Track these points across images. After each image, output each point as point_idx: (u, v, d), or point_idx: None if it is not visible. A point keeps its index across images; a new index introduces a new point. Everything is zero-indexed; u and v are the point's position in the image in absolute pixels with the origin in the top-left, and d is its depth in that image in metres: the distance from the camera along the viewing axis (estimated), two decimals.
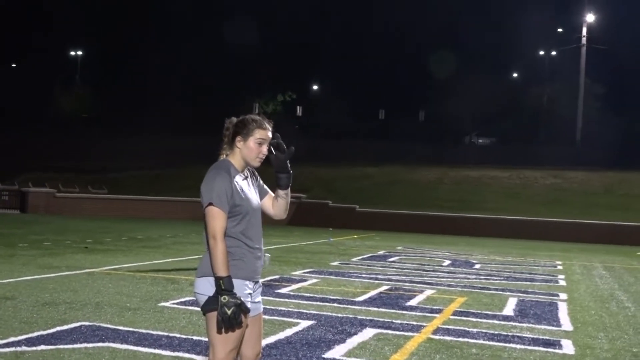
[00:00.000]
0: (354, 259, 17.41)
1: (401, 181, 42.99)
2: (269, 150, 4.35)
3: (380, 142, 61.10)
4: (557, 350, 7.74)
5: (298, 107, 71.86)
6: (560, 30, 66.57)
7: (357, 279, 13.19)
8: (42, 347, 6.74)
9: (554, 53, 68.45)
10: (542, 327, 9.10)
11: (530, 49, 70.53)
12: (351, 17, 78.25)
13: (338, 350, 7.16)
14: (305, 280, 12.61)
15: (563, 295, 12.29)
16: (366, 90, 74.87)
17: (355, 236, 26.80)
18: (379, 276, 13.86)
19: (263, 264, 4.41)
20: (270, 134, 4.36)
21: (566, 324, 9.45)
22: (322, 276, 13.43)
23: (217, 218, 4.16)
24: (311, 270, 14.37)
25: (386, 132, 67.05)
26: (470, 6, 77.39)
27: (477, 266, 17.08)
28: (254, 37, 70.40)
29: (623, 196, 38.15)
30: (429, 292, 11.76)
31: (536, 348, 7.78)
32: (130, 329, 7.71)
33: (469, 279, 14.20)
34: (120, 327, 7.77)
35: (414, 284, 12.77)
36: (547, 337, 8.41)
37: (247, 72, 71.42)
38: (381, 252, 19.82)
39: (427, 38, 73.74)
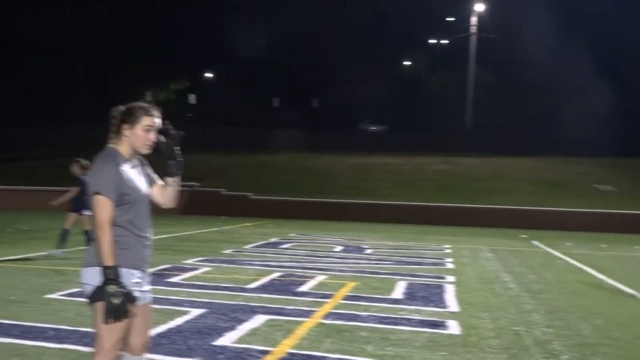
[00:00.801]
0: (246, 247, 17.41)
1: (295, 169, 43.14)
2: (158, 137, 4.33)
3: (274, 130, 61.06)
4: (443, 331, 7.96)
5: (192, 95, 71.11)
6: (450, 19, 67.93)
7: (249, 267, 13.21)
8: None
9: (445, 41, 69.84)
10: (430, 309, 9.34)
11: (422, 38, 71.76)
12: (245, 5, 77.83)
13: (229, 337, 7.18)
14: (198, 269, 12.55)
15: (451, 278, 12.62)
16: (261, 78, 74.68)
17: (249, 224, 26.80)
18: (272, 263, 13.92)
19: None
20: (158, 121, 4.33)
21: (453, 305, 9.72)
22: (215, 264, 13.39)
23: (103, 207, 4.12)
24: (203, 258, 14.30)
25: (280, 120, 67.06)
26: None
27: (368, 251, 17.34)
28: (146, 22, 69.17)
29: (511, 181, 39.34)
30: (320, 278, 11.89)
31: (423, 329, 7.98)
32: (15, 322, 7.52)
33: (360, 264, 14.42)
34: (4, 321, 7.57)
35: (306, 270, 12.88)
36: (434, 319, 8.63)
37: (140, 59, 70.13)
38: (274, 240, 19.90)
39: (322, 25, 74.10)
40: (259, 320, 8.10)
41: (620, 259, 18.03)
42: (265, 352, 6.64)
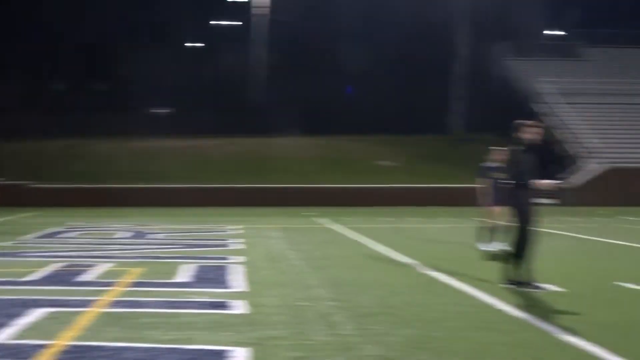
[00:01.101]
0: (25, 238, 16.61)
1: (78, 155, 41.68)
2: None
3: (54, 115, 58.66)
4: (229, 312, 7.94)
5: None
6: (233, 0, 67.95)
7: (27, 259, 12.58)
8: None
9: (237, 23, 69.79)
10: (217, 290, 9.31)
11: (208, 20, 71.39)
12: None
13: (2, 335, 6.77)
14: None
15: (239, 258, 12.62)
16: (43, 60, 71.45)
17: (28, 214, 25.58)
18: (51, 254, 13.33)
19: None
20: None
21: (241, 285, 9.73)
22: None
23: None
24: None
25: (62, 104, 64.51)
26: None
27: (154, 236, 17.08)
28: None
29: (298, 160, 40.07)
30: (104, 266, 11.52)
31: (209, 311, 7.92)
32: None
33: (145, 249, 14.15)
34: None
35: (89, 259, 12.45)
36: (221, 300, 8.60)
37: None
38: (55, 229, 19.09)
39: (107, 5, 71.87)
40: (36, 313, 7.69)
41: (399, 230, 18.93)
42: (43, 346, 6.31)
